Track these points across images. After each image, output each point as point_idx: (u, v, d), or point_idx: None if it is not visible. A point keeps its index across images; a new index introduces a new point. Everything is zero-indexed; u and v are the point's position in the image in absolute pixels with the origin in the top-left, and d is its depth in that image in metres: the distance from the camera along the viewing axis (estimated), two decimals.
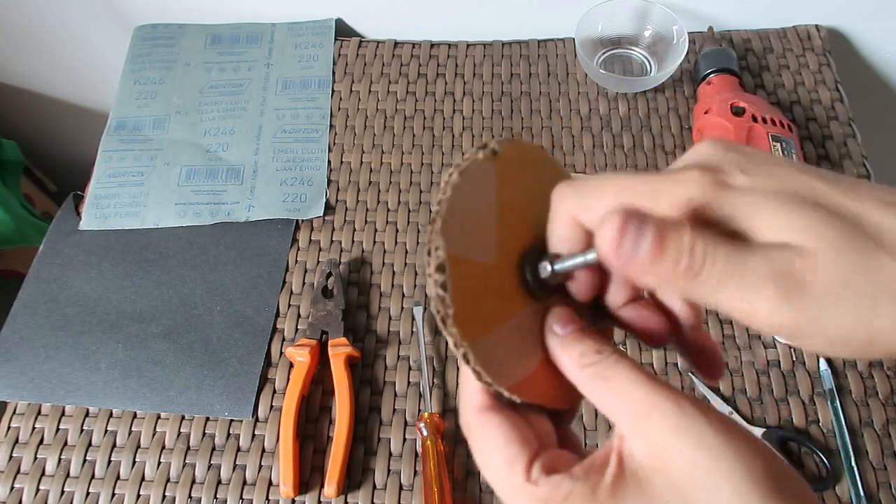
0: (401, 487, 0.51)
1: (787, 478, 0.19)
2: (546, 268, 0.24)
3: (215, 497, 0.51)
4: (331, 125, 0.69)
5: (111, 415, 0.55)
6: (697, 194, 0.20)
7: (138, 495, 0.51)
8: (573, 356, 0.23)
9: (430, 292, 0.22)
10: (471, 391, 0.23)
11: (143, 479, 0.52)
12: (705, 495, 0.19)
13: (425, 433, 0.51)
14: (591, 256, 0.22)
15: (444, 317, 0.21)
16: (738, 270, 0.19)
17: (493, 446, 0.22)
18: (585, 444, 0.52)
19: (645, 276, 0.20)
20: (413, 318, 0.57)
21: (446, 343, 0.56)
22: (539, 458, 0.22)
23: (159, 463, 0.53)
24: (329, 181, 0.65)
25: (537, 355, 0.24)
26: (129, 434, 0.54)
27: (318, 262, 0.61)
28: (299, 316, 0.58)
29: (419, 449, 0.52)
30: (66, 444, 0.54)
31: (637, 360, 0.21)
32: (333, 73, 0.72)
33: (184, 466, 0.52)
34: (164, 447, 0.53)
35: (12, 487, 0.52)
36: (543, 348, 0.24)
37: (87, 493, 0.52)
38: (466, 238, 0.22)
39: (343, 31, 0.76)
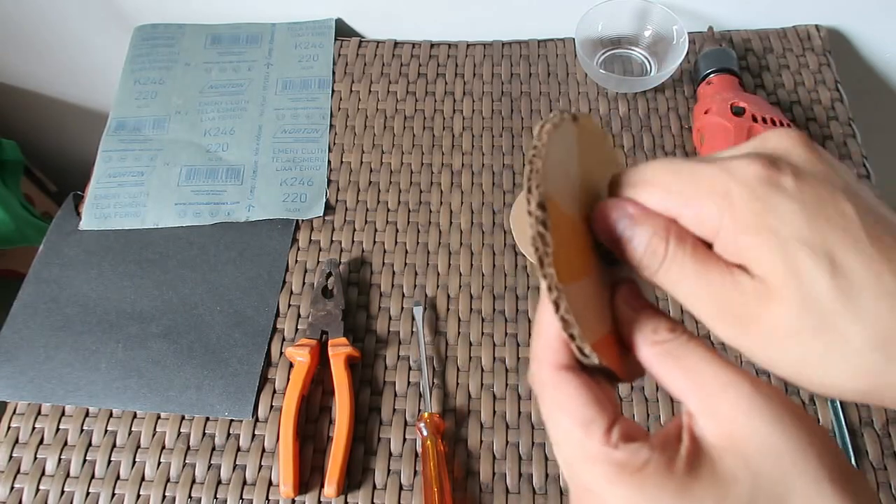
0: (401, 487, 0.51)
1: (855, 475, 0.19)
2: None
3: (215, 497, 0.51)
4: (331, 125, 0.69)
5: (111, 415, 0.55)
6: (713, 221, 0.21)
7: (138, 495, 0.51)
8: (645, 332, 0.23)
9: (531, 231, 0.21)
10: (548, 348, 0.23)
11: (143, 479, 0.52)
12: (778, 478, 0.19)
13: (425, 433, 0.51)
14: None
15: (543, 255, 0.21)
16: (694, 282, 0.22)
17: (569, 406, 0.22)
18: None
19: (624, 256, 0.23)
20: (413, 318, 0.57)
21: (446, 343, 0.56)
22: (617, 424, 0.21)
23: (159, 463, 0.53)
24: (329, 181, 0.65)
25: (606, 324, 0.24)
26: (129, 434, 0.54)
27: (318, 262, 0.61)
28: (299, 316, 0.58)
29: (419, 449, 0.52)
30: (66, 444, 0.54)
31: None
32: (333, 73, 0.72)
33: (184, 466, 0.52)
34: (164, 447, 0.53)
35: (12, 487, 0.52)
36: (611, 319, 0.24)
37: (87, 493, 0.52)
38: (558, 187, 0.22)
39: (343, 31, 0.76)
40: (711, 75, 0.65)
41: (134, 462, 0.53)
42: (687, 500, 0.19)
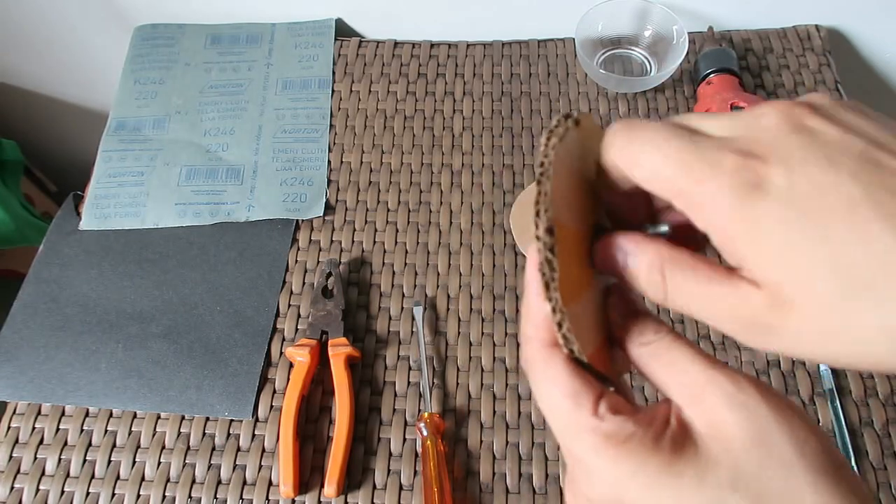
0: (401, 487, 0.51)
1: (842, 464, 0.20)
2: None
3: (215, 497, 0.51)
4: (331, 125, 0.69)
5: (111, 415, 0.55)
6: (703, 227, 0.21)
7: (138, 495, 0.51)
8: (633, 335, 0.24)
9: (539, 255, 0.21)
10: (537, 328, 0.23)
11: (143, 479, 0.52)
12: (757, 465, 0.20)
13: (425, 433, 0.51)
14: (662, 228, 0.23)
15: (549, 280, 0.21)
16: (703, 302, 0.21)
17: (557, 380, 0.22)
18: None
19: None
20: (413, 318, 0.57)
21: (446, 343, 0.56)
22: (605, 397, 0.22)
23: (159, 463, 0.53)
24: (329, 181, 0.65)
25: (601, 328, 0.24)
26: (129, 434, 0.54)
27: (318, 262, 0.61)
28: (299, 316, 0.58)
29: (419, 449, 0.52)
30: (66, 444, 0.54)
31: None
32: (333, 73, 0.72)
33: (184, 466, 0.52)
34: (164, 447, 0.53)
35: (12, 487, 0.52)
36: (605, 321, 0.25)
37: (87, 493, 0.52)
38: (562, 203, 0.22)
39: (343, 31, 0.76)
40: (711, 75, 0.65)
41: (134, 462, 0.53)
42: (668, 475, 0.20)
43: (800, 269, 0.19)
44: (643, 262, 0.22)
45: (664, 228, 0.24)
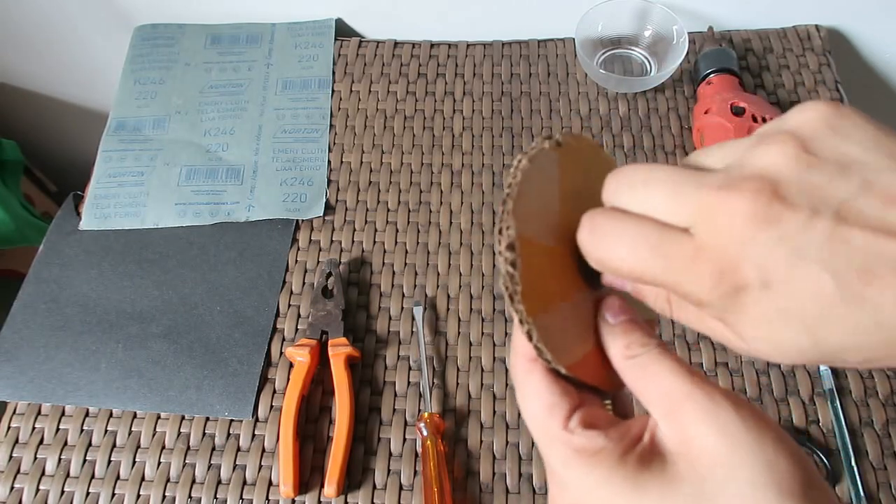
0: (401, 487, 0.51)
1: (813, 485, 0.20)
2: None
3: (215, 497, 0.51)
4: (331, 125, 0.69)
5: (111, 415, 0.55)
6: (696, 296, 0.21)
7: (138, 495, 0.51)
8: (619, 346, 0.24)
9: (500, 269, 0.23)
10: (523, 342, 0.24)
11: (143, 479, 0.52)
12: (721, 482, 0.20)
13: (425, 433, 0.51)
14: None
15: (512, 293, 0.22)
16: (700, 328, 0.23)
17: (536, 392, 0.24)
18: None
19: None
20: (413, 318, 0.57)
21: (446, 343, 0.56)
22: (579, 411, 0.23)
23: (159, 463, 0.53)
24: (329, 181, 0.65)
25: (591, 340, 0.25)
26: (129, 434, 0.54)
27: (318, 262, 0.61)
28: (299, 316, 0.58)
29: (419, 449, 0.52)
30: (66, 444, 0.54)
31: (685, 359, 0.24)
32: (333, 73, 0.72)
33: (184, 466, 0.52)
34: (164, 447, 0.53)
35: (12, 487, 0.52)
36: (597, 334, 0.25)
37: (87, 493, 0.52)
38: (532, 220, 0.23)
39: (343, 31, 0.76)
40: (711, 75, 0.65)
41: (134, 462, 0.53)
42: (633, 490, 0.21)
43: (782, 356, 0.20)
44: (650, 296, 0.24)
45: None
